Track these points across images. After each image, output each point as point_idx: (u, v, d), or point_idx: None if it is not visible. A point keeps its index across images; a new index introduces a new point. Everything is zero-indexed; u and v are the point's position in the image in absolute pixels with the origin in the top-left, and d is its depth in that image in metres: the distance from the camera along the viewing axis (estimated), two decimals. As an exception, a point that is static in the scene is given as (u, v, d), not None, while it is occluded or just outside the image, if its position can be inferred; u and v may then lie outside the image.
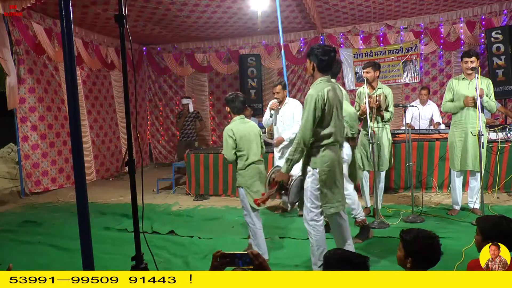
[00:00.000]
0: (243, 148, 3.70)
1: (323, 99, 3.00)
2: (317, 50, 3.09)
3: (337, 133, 3.11)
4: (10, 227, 5.28)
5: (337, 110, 3.11)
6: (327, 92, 3.01)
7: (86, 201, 2.13)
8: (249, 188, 3.71)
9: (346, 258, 1.82)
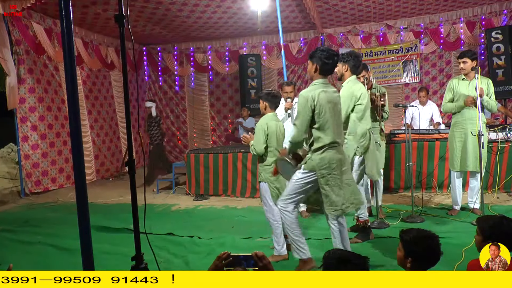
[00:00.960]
0: (271, 144, 3.78)
1: (313, 100, 3.08)
2: (322, 53, 3.15)
3: (335, 135, 3.16)
4: (10, 227, 5.28)
5: (332, 112, 3.15)
6: (318, 94, 3.09)
7: (86, 201, 2.13)
8: (273, 184, 3.78)
9: (346, 258, 1.82)
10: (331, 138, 3.14)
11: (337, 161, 3.17)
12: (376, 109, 4.69)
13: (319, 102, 3.08)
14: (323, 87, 3.15)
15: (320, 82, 3.19)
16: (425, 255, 2.06)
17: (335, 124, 3.18)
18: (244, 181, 6.51)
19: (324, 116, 3.10)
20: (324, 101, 3.10)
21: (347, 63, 4.07)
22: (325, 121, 3.11)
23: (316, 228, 4.76)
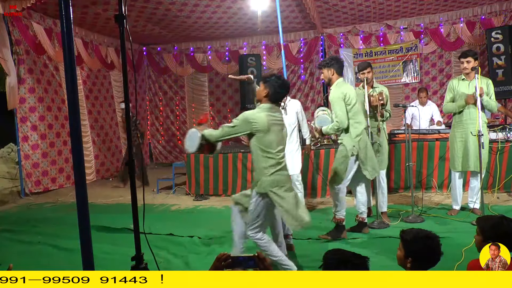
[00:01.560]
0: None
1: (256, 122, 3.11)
2: (277, 81, 3.23)
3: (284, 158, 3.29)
4: (10, 227, 5.28)
5: (278, 134, 3.23)
6: (259, 116, 3.13)
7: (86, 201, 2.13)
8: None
9: (346, 258, 1.82)
10: (277, 159, 3.21)
11: (286, 180, 3.26)
12: (375, 108, 4.69)
13: (262, 123, 3.12)
14: (268, 111, 3.20)
15: (267, 107, 3.23)
16: (425, 255, 2.06)
17: (279, 142, 3.26)
18: (244, 181, 6.51)
19: (268, 136, 3.15)
20: (268, 121, 3.15)
21: (332, 67, 4.19)
22: (270, 139, 3.16)
23: (316, 228, 4.75)
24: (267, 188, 3.17)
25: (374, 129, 4.70)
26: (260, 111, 3.20)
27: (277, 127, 3.23)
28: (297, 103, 5.44)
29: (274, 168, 3.19)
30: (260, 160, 3.20)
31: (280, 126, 3.29)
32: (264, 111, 3.19)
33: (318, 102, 9.52)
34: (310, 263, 3.56)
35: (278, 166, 3.21)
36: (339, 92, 4.16)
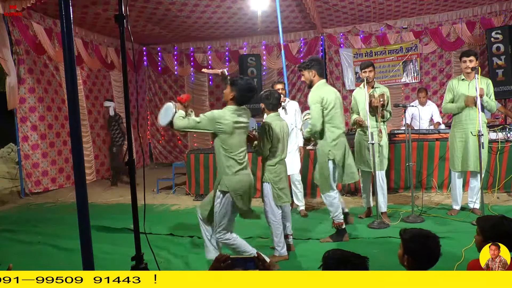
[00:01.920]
0: (276, 145, 3.77)
1: (220, 122, 3.21)
2: (243, 85, 3.29)
3: (244, 157, 3.37)
4: (10, 227, 5.28)
5: (240, 134, 3.32)
6: (225, 118, 3.22)
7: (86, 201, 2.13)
8: (276, 185, 3.78)
9: (345, 258, 1.82)
10: (238, 160, 3.30)
11: (247, 180, 3.36)
12: (375, 109, 4.69)
13: (228, 125, 3.21)
14: (234, 113, 3.28)
15: (233, 109, 3.30)
16: (422, 254, 2.07)
17: (242, 145, 3.34)
18: (244, 181, 6.51)
19: (230, 139, 3.25)
20: (233, 124, 3.23)
21: (312, 69, 4.13)
22: (234, 142, 3.27)
23: (316, 228, 4.76)
24: (230, 187, 3.26)
25: (374, 130, 4.70)
26: (227, 113, 3.26)
27: (241, 130, 3.33)
28: (296, 104, 5.48)
29: (236, 168, 3.29)
30: (223, 159, 3.30)
31: (244, 129, 3.38)
32: (231, 113, 3.26)
33: (318, 102, 9.51)
34: (310, 263, 3.56)
35: (240, 166, 3.30)
36: (317, 95, 4.10)
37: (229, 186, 3.27)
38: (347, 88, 9.38)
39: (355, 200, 5.93)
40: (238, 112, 3.31)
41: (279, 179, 3.79)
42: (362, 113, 4.85)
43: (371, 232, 4.48)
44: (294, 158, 5.33)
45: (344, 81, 9.48)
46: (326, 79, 9.60)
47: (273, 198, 3.79)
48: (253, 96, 3.39)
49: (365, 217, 5.02)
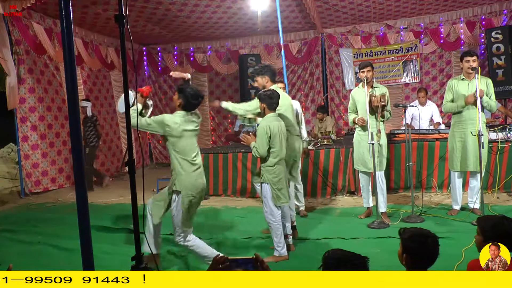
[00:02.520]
0: (275, 145, 3.79)
1: (169, 126, 3.38)
2: (190, 92, 3.52)
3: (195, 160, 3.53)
4: (10, 227, 5.28)
5: (190, 137, 3.49)
6: (174, 122, 3.40)
7: (86, 201, 2.13)
8: (275, 185, 3.80)
9: (346, 258, 1.82)
10: (191, 160, 3.46)
11: (199, 183, 3.56)
12: (376, 109, 4.69)
13: (178, 127, 3.39)
14: (183, 118, 3.46)
15: (182, 114, 3.48)
16: (420, 253, 2.07)
17: (194, 148, 3.52)
18: (244, 181, 6.51)
19: (180, 142, 3.42)
20: (181, 128, 3.41)
21: (265, 75, 4.30)
22: (183, 145, 3.43)
23: (316, 228, 4.76)
24: (183, 187, 3.41)
25: (374, 130, 4.70)
26: (176, 118, 3.45)
27: (190, 134, 3.49)
28: (297, 104, 5.44)
29: (190, 169, 3.46)
30: (175, 162, 3.45)
31: (194, 133, 3.54)
32: (179, 118, 3.44)
33: (318, 102, 9.52)
34: (310, 263, 3.56)
35: (193, 167, 3.48)
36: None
37: (182, 186, 3.41)
38: (347, 88, 9.38)
39: (355, 200, 5.93)
40: (187, 117, 3.49)
41: (278, 179, 3.80)
42: (361, 113, 4.85)
43: (371, 232, 4.49)
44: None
45: (344, 81, 9.48)
46: (326, 79, 9.65)
47: (272, 199, 3.80)
48: (199, 103, 3.56)
49: (365, 217, 5.02)
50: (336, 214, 5.34)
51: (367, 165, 4.87)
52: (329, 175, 6.19)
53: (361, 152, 4.93)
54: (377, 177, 4.74)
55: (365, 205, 5.10)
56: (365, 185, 5.05)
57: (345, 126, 9.19)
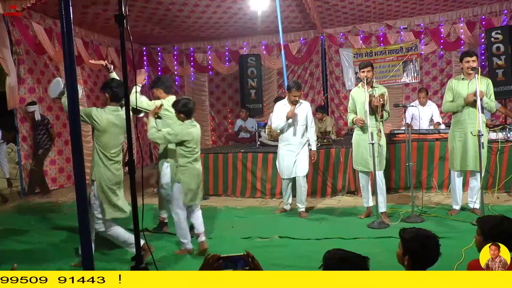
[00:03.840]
0: (191, 148, 4.03)
1: (99, 120, 3.63)
2: (112, 84, 3.74)
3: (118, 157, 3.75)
4: (10, 227, 5.28)
5: (115, 134, 3.71)
6: (100, 116, 3.64)
7: (86, 201, 2.13)
8: (186, 185, 4.02)
9: (346, 258, 1.82)
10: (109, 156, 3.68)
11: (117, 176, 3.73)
12: (376, 109, 4.69)
13: (102, 123, 3.62)
14: (111, 114, 3.69)
15: (112, 109, 3.73)
16: (422, 254, 2.07)
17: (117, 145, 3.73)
18: (244, 181, 6.51)
19: (110, 136, 3.67)
20: (108, 122, 3.64)
21: (159, 87, 4.76)
22: (106, 140, 3.66)
23: (316, 228, 4.76)
24: (98, 177, 3.66)
25: (374, 129, 4.70)
26: (105, 112, 3.69)
27: (116, 129, 3.71)
28: (307, 104, 5.39)
29: (107, 163, 3.67)
30: (94, 153, 3.71)
31: (120, 129, 3.74)
32: (108, 112, 3.69)
33: (318, 102, 9.52)
34: (310, 263, 3.55)
35: (111, 161, 3.69)
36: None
37: (98, 176, 3.67)
38: (347, 88, 9.38)
39: (355, 200, 5.93)
40: (117, 113, 3.73)
41: (191, 180, 4.02)
42: (360, 113, 4.85)
43: (371, 232, 4.48)
44: (303, 160, 5.26)
45: (344, 81, 9.48)
46: (326, 79, 9.65)
47: (182, 198, 4.02)
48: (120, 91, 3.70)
49: (365, 217, 5.02)
50: (336, 214, 5.34)
51: (366, 165, 4.87)
52: (329, 175, 6.19)
53: (360, 152, 4.93)
54: (377, 177, 4.73)
55: (365, 205, 5.10)
56: (365, 185, 5.04)
57: (345, 126, 9.19)
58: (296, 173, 5.23)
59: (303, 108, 5.26)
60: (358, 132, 4.94)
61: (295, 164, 5.21)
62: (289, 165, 5.23)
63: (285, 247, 4.19)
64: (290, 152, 5.23)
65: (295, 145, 5.21)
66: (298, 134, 5.21)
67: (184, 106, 4.02)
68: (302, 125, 5.23)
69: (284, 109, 5.22)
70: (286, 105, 5.25)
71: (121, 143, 3.86)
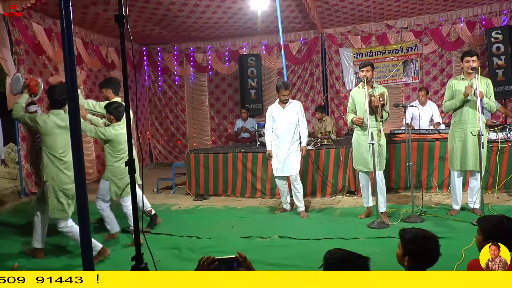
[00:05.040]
0: (118, 149, 4.51)
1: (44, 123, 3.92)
2: (53, 92, 3.98)
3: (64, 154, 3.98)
4: (10, 227, 5.28)
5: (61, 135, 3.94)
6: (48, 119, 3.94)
7: (86, 201, 2.13)
8: (115, 183, 4.53)
9: (346, 258, 1.82)
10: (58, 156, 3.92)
11: (66, 177, 3.94)
12: (375, 109, 4.70)
13: (46, 127, 3.91)
14: (55, 117, 3.97)
15: (56, 113, 4.00)
16: (422, 255, 2.07)
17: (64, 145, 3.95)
18: (244, 181, 6.51)
19: (49, 138, 3.92)
20: (53, 124, 3.92)
21: (108, 87, 5.01)
22: (51, 142, 3.92)
23: (316, 228, 4.76)
24: (48, 177, 3.90)
25: (374, 129, 4.70)
26: (49, 116, 3.96)
27: (60, 131, 3.94)
28: (298, 103, 5.48)
29: (57, 163, 3.91)
30: (43, 155, 3.94)
31: (65, 130, 3.90)
32: (48, 117, 3.95)
33: (318, 102, 9.52)
34: (310, 263, 3.56)
35: (59, 162, 3.92)
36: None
37: (48, 176, 3.91)
38: (347, 88, 9.37)
39: (355, 200, 5.93)
40: (60, 116, 3.98)
41: (121, 178, 4.50)
42: (360, 113, 4.86)
43: (371, 232, 4.49)
44: (294, 159, 5.32)
45: (344, 81, 9.47)
46: (326, 79, 9.64)
47: (111, 193, 4.55)
48: (65, 98, 3.91)
49: (365, 217, 5.03)
50: (336, 214, 5.34)
51: (366, 165, 4.88)
52: (329, 175, 6.19)
53: (360, 152, 4.93)
54: (377, 177, 4.73)
55: (365, 205, 5.11)
56: (365, 185, 5.05)
57: (345, 126, 9.18)
58: (288, 172, 5.28)
59: (293, 107, 5.38)
60: (358, 132, 4.95)
61: (287, 163, 5.27)
62: (280, 163, 5.31)
63: (285, 247, 4.20)
64: (281, 151, 5.32)
65: (286, 144, 5.27)
66: (289, 132, 5.29)
67: (115, 109, 4.48)
68: (292, 123, 5.30)
69: (276, 111, 5.41)
70: (277, 106, 5.43)
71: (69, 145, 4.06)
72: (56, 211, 3.93)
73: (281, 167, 5.33)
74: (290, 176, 5.35)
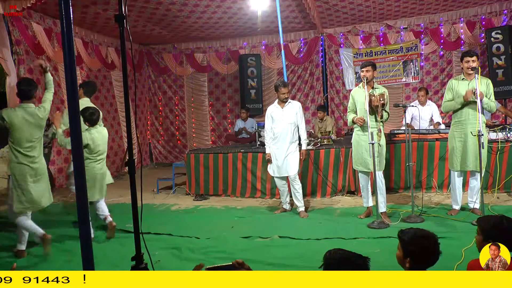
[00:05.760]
0: (93, 151, 4.62)
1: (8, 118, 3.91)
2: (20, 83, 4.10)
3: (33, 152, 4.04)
4: (10, 227, 5.27)
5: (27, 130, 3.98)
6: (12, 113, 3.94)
7: (86, 201, 2.13)
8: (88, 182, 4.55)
9: (346, 258, 1.82)
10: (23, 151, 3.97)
11: (30, 169, 4.02)
12: (376, 108, 4.70)
13: (12, 120, 3.89)
14: (23, 111, 3.97)
15: (25, 106, 4.02)
16: (422, 255, 2.07)
17: (30, 140, 4.00)
18: (244, 181, 6.51)
19: (16, 132, 3.92)
20: (18, 119, 3.91)
21: (81, 88, 5.19)
22: (17, 137, 3.93)
23: (316, 228, 4.76)
24: (12, 173, 3.99)
25: (374, 130, 4.70)
26: (13, 111, 3.97)
27: (28, 125, 3.97)
28: (297, 104, 5.47)
29: (19, 159, 3.95)
30: (10, 149, 3.99)
31: (33, 125, 3.99)
32: (15, 112, 3.96)
33: (318, 102, 9.52)
34: (310, 263, 3.56)
35: (24, 157, 3.97)
36: None
37: (11, 171, 3.99)
38: (347, 88, 9.37)
39: (355, 200, 5.93)
40: (29, 109, 4.00)
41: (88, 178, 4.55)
42: (360, 113, 4.86)
43: (371, 232, 4.49)
44: (293, 159, 5.31)
45: (344, 81, 9.47)
46: (326, 79, 9.64)
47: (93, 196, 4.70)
48: (29, 89, 4.05)
49: (365, 217, 5.03)
50: (336, 214, 5.34)
51: (366, 165, 4.88)
52: (329, 175, 6.19)
53: (360, 152, 4.93)
54: (377, 177, 4.73)
55: (365, 205, 5.11)
56: (365, 185, 5.05)
57: (345, 126, 9.19)
58: (287, 172, 5.28)
59: (292, 107, 5.38)
60: (358, 132, 4.95)
61: (285, 163, 5.27)
62: (279, 163, 5.31)
63: (285, 247, 4.19)
64: (280, 151, 5.32)
65: (284, 144, 5.27)
66: (287, 132, 5.29)
67: (90, 116, 4.60)
68: (291, 124, 5.30)
69: (275, 111, 5.40)
70: (277, 106, 5.43)
71: (37, 138, 4.10)
72: (21, 206, 4.03)
73: (280, 168, 5.33)
74: (289, 176, 5.35)
